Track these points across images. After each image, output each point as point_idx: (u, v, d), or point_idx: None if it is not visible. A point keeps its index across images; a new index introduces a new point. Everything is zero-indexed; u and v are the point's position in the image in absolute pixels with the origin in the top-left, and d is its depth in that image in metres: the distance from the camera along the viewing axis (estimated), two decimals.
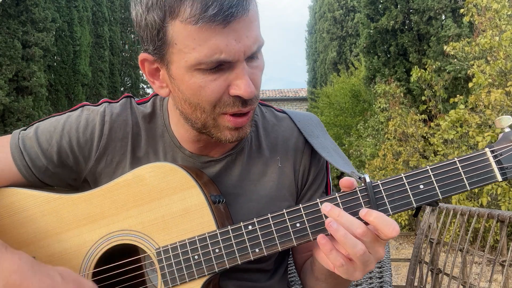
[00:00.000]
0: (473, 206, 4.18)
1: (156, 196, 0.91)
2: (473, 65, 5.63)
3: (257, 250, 0.84)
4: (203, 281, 0.87)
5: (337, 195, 0.80)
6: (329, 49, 16.69)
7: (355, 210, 0.78)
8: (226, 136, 0.89)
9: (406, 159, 6.71)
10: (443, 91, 7.06)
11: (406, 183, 0.78)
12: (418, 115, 7.08)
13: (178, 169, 0.90)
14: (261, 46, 0.86)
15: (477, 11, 5.91)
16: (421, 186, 0.78)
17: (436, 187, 0.77)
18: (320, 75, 17.65)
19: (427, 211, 2.01)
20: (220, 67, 0.81)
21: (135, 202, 0.91)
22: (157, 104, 1.05)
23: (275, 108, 1.13)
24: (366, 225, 0.76)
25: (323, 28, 17.17)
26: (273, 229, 0.83)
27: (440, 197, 0.77)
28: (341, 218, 0.77)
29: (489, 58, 5.48)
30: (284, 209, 0.83)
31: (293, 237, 0.82)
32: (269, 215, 0.83)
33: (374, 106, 8.68)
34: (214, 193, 0.93)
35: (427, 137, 6.68)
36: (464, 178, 0.76)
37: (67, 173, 1.01)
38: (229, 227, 0.86)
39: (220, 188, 1.00)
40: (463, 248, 1.85)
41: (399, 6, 8.59)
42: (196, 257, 0.87)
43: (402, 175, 0.79)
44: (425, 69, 7.10)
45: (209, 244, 0.86)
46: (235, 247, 0.85)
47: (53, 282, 0.78)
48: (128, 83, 16.45)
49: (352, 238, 0.75)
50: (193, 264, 0.87)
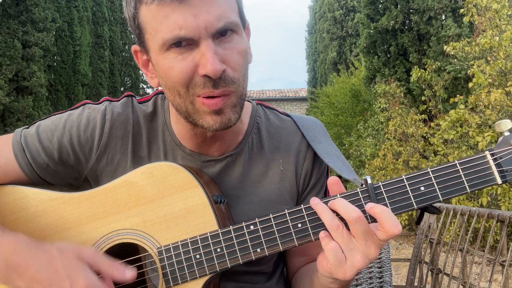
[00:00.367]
0: (473, 206, 4.18)
1: (158, 196, 0.91)
2: (473, 65, 5.63)
3: (258, 250, 0.84)
4: (204, 280, 0.88)
5: (338, 196, 0.81)
6: (329, 49, 16.69)
7: (363, 209, 0.78)
8: (209, 122, 0.86)
9: (406, 159, 6.72)
10: (443, 91, 7.06)
11: (407, 184, 0.79)
12: (418, 115, 7.08)
13: (180, 168, 0.91)
14: (234, 25, 0.82)
15: (477, 11, 5.91)
16: (422, 188, 0.78)
17: (437, 189, 0.78)
18: (320, 75, 17.65)
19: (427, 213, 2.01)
20: (186, 46, 0.81)
21: (137, 201, 0.92)
22: (158, 103, 1.05)
23: (279, 111, 1.13)
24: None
25: (323, 28, 17.17)
26: (274, 229, 0.83)
27: (441, 199, 0.77)
28: (337, 202, 0.78)
29: (489, 58, 5.48)
30: (286, 210, 0.83)
31: (294, 237, 0.82)
32: (270, 215, 0.84)
33: (374, 106, 8.68)
34: (216, 193, 0.94)
35: (427, 137, 6.68)
36: (465, 181, 0.77)
37: (68, 172, 1.01)
38: (231, 226, 0.86)
39: (220, 188, 1.00)
40: (463, 248, 1.85)
41: (399, 6, 8.59)
42: (197, 256, 0.87)
43: (403, 176, 0.79)
44: (425, 69, 7.10)
45: (210, 244, 0.86)
46: (236, 246, 0.85)
47: (49, 256, 0.80)
48: (128, 83, 16.46)
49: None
50: (194, 264, 0.87)
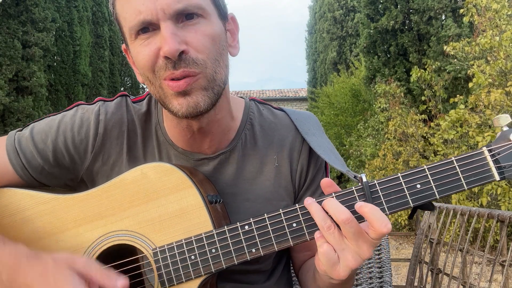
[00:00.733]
0: (473, 206, 4.17)
1: (153, 196, 0.90)
2: (473, 65, 5.63)
3: (253, 250, 0.83)
4: (199, 281, 0.87)
5: (333, 195, 0.80)
6: (329, 49, 16.68)
7: (351, 210, 0.77)
8: (176, 106, 0.86)
9: (406, 159, 6.71)
10: (443, 91, 7.05)
11: (402, 182, 0.77)
12: (418, 115, 7.07)
13: (174, 169, 0.90)
14: (197, 8, 0.83)
15: (477, 11, 5.91)
16: (418, 186, 0.77)
17: (433, 186, 0.76)
18: (320, 75, 17.64)
19: (426, 211, 2.00)
20: (151, 32, 0.83)
21: (132, 203, 0.91)
22: (152, 102, 1.05)
23: (273, 106, 1.12)
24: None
25: (323, 28, 17.16)
26: (269, 229, 0.82)
27: (437, 196, 0.76)
28: (327, 203, 0.77)
29: (489, 58, 5.48)
30: (280, 209, 0.82)
31: (289, 237, 0.82)
32: (265, 215, 0.83)
33: (374, 106, 8.67)
34: (211, 193, 0.93)
35: (427, 137, 6.68)
36: (461, 178, 0.75)
37: (64, 173, 1.01)
38: (225, 227, 0.85)
39: (215, 186, 0.99)
40: (463, 248, 1.84)
41: (399, 6, 8.59)
42: (192, 257, 0.86)
43: (399, 174, 0.78)
44: (425, 69, 7.10)
45: (205, 244, 0.86)
46: (231, 247, 0.84)
47: (44, 268, 0.81)
48: (128, 83, 16.46)
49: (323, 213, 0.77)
50: (189, 264, 0.87)
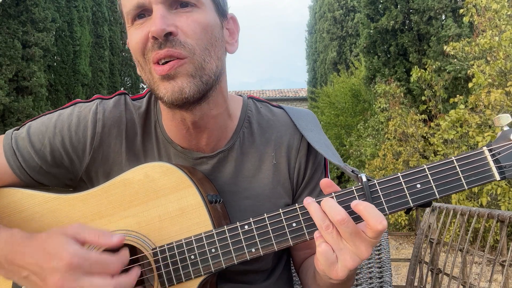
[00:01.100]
0: (473, 206, 4.17)
1: (153, 196, 0.90)
2: (473, 65, 5.63)
3: (253, 250, 0.83)
4: (199, 281, 0.87)
5: (333, 194, 0.80)
6: (329, 49, 16.68)
7: (351, 210, 0.77)
8: (162, 91, 0.86)
9: (406, 159, 6.71)
10: (443, 91, 7.06)
11: (402, 182, 0.77)
12: (418, 115, 7.07)
13: (174, 168, 0.90)
14: None
15: (476, 11, 5.91)
16: (418, 186, 0.77)
17: (433, 186, 0.76)
18: (320, 75, 17.64)
19: (427, 211, 2.00)
20: (146, 17, 0.86)
21: (132, 202, 0.91)
22: (152, 100, 1.04)
23: (271, 103, 1.11)
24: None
25: (323, 28, 17.16)
26: (269, 229, 0.82)
27: (437, 196, 0.76)
28: (325, 202, 0.77)
29: (489, 58, 5.48)
30: (280, 209, 0.82)
31: (289, 236, 0.82)
32: (265, 215, 0.83)
33: (374, 106, 8.68)
34: (211, 193, 0.93)
35: (427, 137, 6.68)
36: (462, 177, 0.75)
37: (63, 173, 1.00)
38: (225, 227, 0.85)
39: (214, 185, 0.99)
40: (463, 248, 1.84)
41: (399, 6, 8.59)
42: (192, 257, 0.86)
43: (399, 174, 0.78)
44: (425, 69, 7.10)
45: (205, 244, 0.86)
46: (231, 247, 0.84)
47: (39, 241, 0.81)
48: (128, 83, 16.46)
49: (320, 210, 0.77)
50: (189, 264, 0.86)
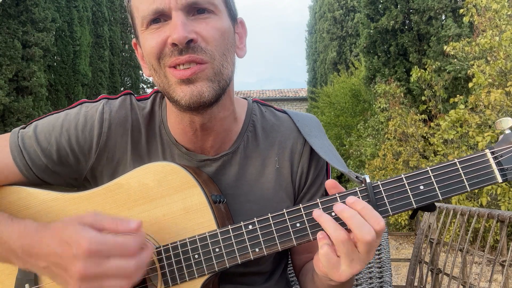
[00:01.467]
0: (473, 206, 4.18)
1: (157, 196, 0.91)
2: (473, 65, 5.63)
3: (257, 249, 0.84)
4: (203, 280, 0.88)
5: (337, 195, 0.80)
6: (329, 49, 16.68)
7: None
8: (179, 94, 0.87)
9: (406, 159, 6.71)
10: (443, 91, 7.06)
11: (406, 183, 0.78)
12: (418, 115, 7.08)
13: (179, 168, 0.91)
14: (209, 4, 0.86)
15: (476, 11, 5.91)
16: (421, 187, 0.78)
17: (436, 188, 0.77)
18: (320, 75, 17.64)
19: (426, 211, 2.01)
20: (162, 22, 0.86)
21: (137, 201, 0.92)
22: (157, 101, 1.05)
23: (276, 108, 1.12)
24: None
25: (323, 28, 17.16)
26: (273, 228, 0.83)
27: (440, 198, 0.77)
28: (322, 220, 0.78)
29: (489, 58, 5.48)
30: (284, 209, 0.83)
31: (293, 237, 0.82)
32: (269, 214, 0.84)
33: (374, 106, 8.68)
34: (215, 193, 0.93)
35: (427, 137, 6.68)
36: (464, 179, 0.77)
37: (68, 172, 1.01)
38: (229, 226, 0.86)
39: (218, 186, 0.99)
40: (463, 248, 1.85)
41: (399, 6, 8.59)
42: (196, 256, 0.87)
43: (402, 175, 0.79)
44: (425, 69, 7.10)
45: (209, 244, 0.86)
46: (235, 246, 0.85)
47: (54, 230, 0.81)
48: (128, 83, 16.45)
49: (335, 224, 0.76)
50: (193, 263, 0.87)
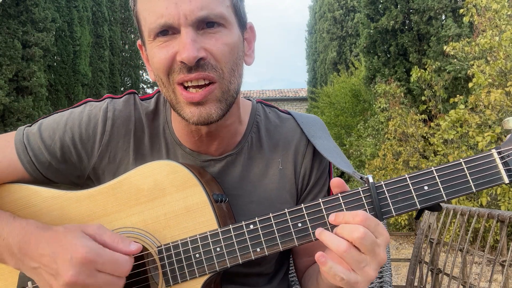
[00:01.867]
0: (473, 206, 4.18)
1: (159, 194, 0.91)
2: (473, 65, 5.63)
3: (258, 249, 0.84)
4: (204, 279, 0.87)
5: (339, 195, 0.80)
6: (329, 49, 16.69)
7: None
8: (187, 114, 0.87)
9: (406, 159, 6.72)
10: (443, 91, 7.06)
11: (410, 184, 0.78)
12: (418, 115, 7.08)
13: (181, 167, 0.91)
14: (219, 17, 0.84)
15: (476, 11, 5.91)
16: (426, 187, 0.77)
17: (441, 188, 0.76)
18: (320, 75, 17.65)
19: (427, 211, 2.01)
20: (169, 35, 0.84)
21: (138, 200, 0.92)
22: (160, 101, 1.05)
23: (280, 109, 1.12)
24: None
25: (323, 28, 17.17)
26: (274, 228, 0.83)
27: (445, 198, 0.76)
28: (323, 236, 0.77)
29: (489, 58, 5.48)
30: (286, 209, 0.83)
31: (294, 237, 0.82)
32: (270, 214, 0.83)
33: (374, 106, 8.68)
34: (217, 192, 0.93)
35: (427, 137, 6.68)
36: (470, 180, 0.76)
37: (71, 170, 1.02)
38: (230, 226, 0.86)
39: (221, 186, 0.99)
40: (463, 248, 1.85)
41: (399, 6, 8.59)
42: (197, 255, 0.87)
43: (406, 175, 0.78)
44: (425, 69, 7.10)
45: (210, 243, 0.86)
46: (236, 246, 0.85)
47: (55, 233, 0.83)
48: (128, 83, 16.46)
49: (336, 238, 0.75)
50: (194, 263, 0.87)
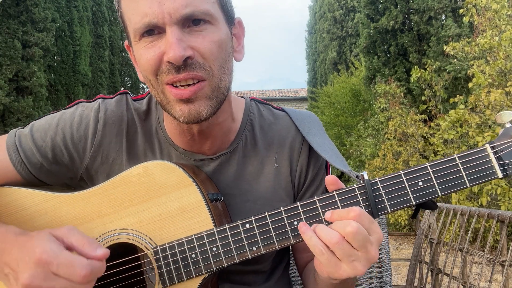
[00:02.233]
0: (473, 206, 4.17)
1: (154, 195, 0.90)
2: (473, 65, 5.63)
3: (254, 248, 0.83)
4: (200, 279, 0.87)
5: (335, 192, 0.80)
6: (329, 49, 16.69)
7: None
8: (177, 112, 0.86)
9: (406, 159, 6.71)
10: (443, 91, 7.06)
11: (404, 180, 0.77)
12: (418, 115, 7.08)
13: (175, 167, 0.90)
14: (205, 14, 0.83)
15: (476, 11, 5.91)
16: (420, 183, 0.77)
17: (435, 184, 0.76)
18: (320, 75, 17.65)
19: (427, 210, 2.00)
20: (155, 34, 0.83)
21: (132, 201, 0.91)
22: (153, 101, 1.04)
23: (274, 106, 1.11)
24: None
25: (323, 28, 17.17)
26: (270, 227, 0.82)
27: (440, 194, 0.76)
28: (318, 230, 0.76)
29: (489, 58, 5.48)
30: (281, 207, 0.82)
31: (290, 235, 0.82)
32: (266, 213, 0.83)
33: (374, 106, 8.68)
34: (212, 191, 0.92)
35: (427, 137, 6.68)
36: (464, 175, 0.75)
37: (63, 171, 1.01)
38: (226, 225, 0.85)
39: (216, 185, 0.99)
40: (463, 248, 1.84)
41: (399, 6, 8.59)
42: (193, 255, 0.86)
43: (401, 172, 0.78)
44: (425, 69, 7.10)
45: (206, 243, 0.85)
46: (232, 245, 0.84)
47: (28, 238, 0.81)
48: (128, 83, 16.46)
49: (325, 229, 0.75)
50: (190, 263, 0.86)
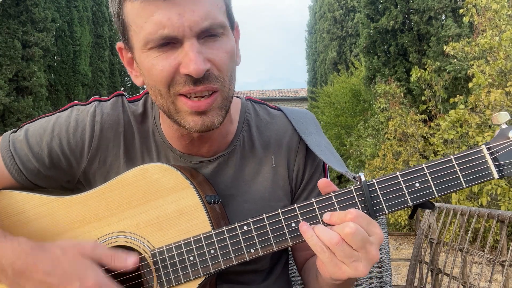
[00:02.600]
0: (473, 206, 4.17)
1: (151, 198, 0.90)
2: (473, 65, 5.63)
3: (252, 250, 0.83)
4: (198, 282, 0.87)
5: (332, 194, 0.79)
6: (329, 49, 16.68)
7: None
8: (190, 123, 0.85)
9: (406, 159, 6.71)
10: (443, 91, 7.06)
11: (401, 181, 0.77)
12: (418, 115, 7.07)
13: (172, 170, 0.89)
14: (220, 26, 0.81)
15: (476, 11, 5.91)
16: (417, 185, 0.77)
17: (432, 185, 0.76)
18: (320, 75, 17.65)
19: (427, 211, 2.00)
20: (169, 45, 0.80)
21: (130, 204, 0.91)
22: (149, 103, 1.03)
23: (270, 105, 1.10)
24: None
25: (323, 28, 17.17)
26: (268, 229, 0.82)
27: (436, 195, 0.76)
28: (317, 230, 0.77)
29: (489, 58, 5.48)
30: (279, 209, 0.82)
31: (288, 237, 0.81)
32: (264, 215, 0.83)
33: (374, 106, 8.68)
34: (210, 193, 0.92)
35: (427, 137, 6.68)
36: (460, 176, 0.75)
37: (60, 176, 1.00)
38: (224, 227, 0.85)
39: (214, 189, 0.98)
40: (463, 248, 1.84)
41: (399, 6, 8.58)
42: (191, 258, 0.86)
43: (398, 173, 0.78)
44: (425, 69, 7.10)
45: (204, 245, 0.85)
46: (230, 247, 0.84)
47: (54, 257, 0.80)
48: (128, 83, 16.46)
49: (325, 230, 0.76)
50: (188, 266, 0.86)
